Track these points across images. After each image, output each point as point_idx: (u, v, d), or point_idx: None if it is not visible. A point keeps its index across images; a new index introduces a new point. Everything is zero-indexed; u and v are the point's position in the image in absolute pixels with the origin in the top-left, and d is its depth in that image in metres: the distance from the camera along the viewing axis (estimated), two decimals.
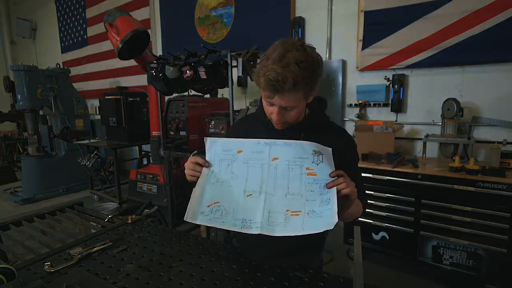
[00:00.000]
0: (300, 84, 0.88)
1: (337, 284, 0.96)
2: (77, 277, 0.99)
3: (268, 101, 0.96)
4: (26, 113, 4.80)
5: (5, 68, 7.93)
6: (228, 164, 0.92)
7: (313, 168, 0.88)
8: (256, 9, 3.77)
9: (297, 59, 0.87)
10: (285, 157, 0.91)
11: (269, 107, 0.99)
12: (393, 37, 2.87)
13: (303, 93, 0.92)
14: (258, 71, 0.92)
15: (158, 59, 2.97)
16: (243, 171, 0.91)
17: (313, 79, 0.92)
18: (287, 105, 0.94)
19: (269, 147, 0.92)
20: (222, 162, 0.93)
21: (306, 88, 0.91)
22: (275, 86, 0.87)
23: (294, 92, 0.89)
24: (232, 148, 0.97)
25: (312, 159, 0.88)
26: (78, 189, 5.17)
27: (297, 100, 0.93)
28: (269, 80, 0.87)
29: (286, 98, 0.91)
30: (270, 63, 0.88)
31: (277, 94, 0.91)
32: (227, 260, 1.10)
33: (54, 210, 1.71)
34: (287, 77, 0.85)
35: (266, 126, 1.09)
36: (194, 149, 2.74)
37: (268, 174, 0.88)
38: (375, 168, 2.49)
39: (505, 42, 2.39)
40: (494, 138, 2.45)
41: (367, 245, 2.56)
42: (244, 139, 0.98)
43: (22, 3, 7.77)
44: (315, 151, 0.89)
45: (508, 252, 2.03)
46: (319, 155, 0.88)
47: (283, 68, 0.86)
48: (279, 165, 0.90)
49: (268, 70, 0.87)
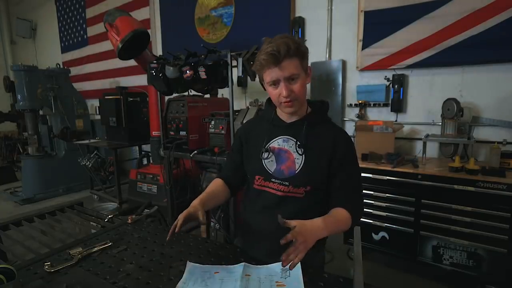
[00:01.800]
0: (292, 49, 1.01)
1: (337, 284, 0.96)
2: (77, 277, 0.99)
3: (271, 81, 1.05)
4: (26, 113, 4.80)
5: (5, 68, 7.94)
6: (203, 280, 0.97)
7: (282, 281, 0.95)
8: (256, 9, 3.77)
9: (283, 36, 1.04)
10: (256, 274, 0.99)
11: (275, 90, 1.07)
12: (393, 37, 2.87)
13: (299, 60, 1.04)
14: (257, 57, 1.06)
15: (158, 59, 2.96)
16: (216, 285, 0.95)
17: (302, 50, 1.05)
18: (290, 73, 1.02)
19: (242, 268, 1.00)
20: (197, 280, 0.97)
21: (298, 55, 1.03)
22: (274, 55, 1.00)
23: (290, 59, 1.01)
24: (210, 270, 1.02)
25: (280, 275, 0.97)
26: (78, 189, 5.17)
27: (296, 68, 1.03)
28: (267, 54, 1.00)
29: (285, 66, 1.02)
30: (265, 46, 1.03)
31: (277, 66, 1.02)
32: (227, 260, 1.10)
33: (54, 210, 1.71)
34: (280, 44, 1.00)
35: (271, 122, 1.19)
36: (194, 149, 2.74)
37: (240, 285, 0.92)
38: (375, 168, 2.49)
39: (505, 42, 2.39)
40: (494, 138, 2.45)
41: (367, 245, 2.56)
42: (222, 266, 1.03)
43: (22, 3, 7.77)
44: (283, 269, 0.98)
45: (508, 252, 2.03)
46: (286, 271, 0.98)
47: (276, 42, 1.01)
48: (251, 280, 0.96)
49: (264, 50, 1.02)
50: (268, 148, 1.16)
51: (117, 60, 3.50)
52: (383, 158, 2.56)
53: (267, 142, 1.17)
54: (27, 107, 4.66)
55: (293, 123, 1.15)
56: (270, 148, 1.16)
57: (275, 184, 1.14)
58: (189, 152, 2.72)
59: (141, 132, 4.27)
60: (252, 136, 1.24)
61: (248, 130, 1.28)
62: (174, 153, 2.83)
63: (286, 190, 1.12)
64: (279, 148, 1.15)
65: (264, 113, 1.26)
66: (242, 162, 1.28)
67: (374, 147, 2.62)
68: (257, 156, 1.17)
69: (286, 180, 1.12)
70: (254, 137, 1.23)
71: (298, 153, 1.12)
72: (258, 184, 1.18)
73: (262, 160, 1.16)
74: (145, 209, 1.69)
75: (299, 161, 1.11)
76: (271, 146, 1.16)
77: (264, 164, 1.16)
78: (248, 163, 1.23)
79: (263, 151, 1.16)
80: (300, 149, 1.11)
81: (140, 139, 4.38)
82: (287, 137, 1.15)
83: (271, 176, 1.15)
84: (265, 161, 1.16)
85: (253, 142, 1.23)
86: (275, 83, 1.05)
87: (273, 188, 1.15)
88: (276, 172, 1.14)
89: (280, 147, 1.15)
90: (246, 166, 1.25)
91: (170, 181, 3.02)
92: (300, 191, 1.11)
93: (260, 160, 1.17)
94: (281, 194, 1.13)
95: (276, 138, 1.17)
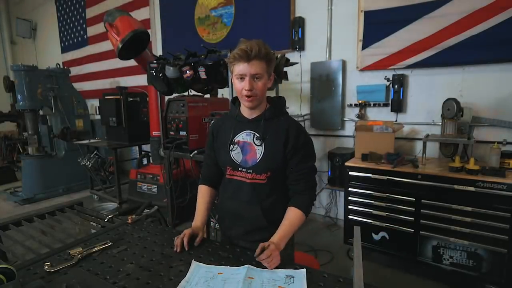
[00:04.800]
0: (262, 53, 1.14)
1: (337, 284, 0.96)
2: (77, 277, 0.99)
3: (239, 75, 1.17)
4: (26, 113, 4.80)
5: (5, 68, 7.94)
6: (206, 280, 0.97)
7: (285, 286, 0.95)
8: (256, 9, 3.77)
9: (258, 41, 1.17)
10: (259, 277, 0.99)
11: (240, 82, 1.18)
12: (393, 37, 2.87)
13: (266, 64, 1.17)
14: (232, 52, 1.19)
15: (158, 59, 2.96)
16: (219, 286, 0.94)
17: (270, 57, 1.19)
18: (255, 72, 1.15)
19: (246, 270, 1.01)
20: (201, 279, 0.98)
21: (266, 60, 1.17)
22: (246, 52, 1.13)
23: (259, 60, 1.15)
24: (214, 271, 1.03)
25: (284, 281, 0.98)
26: (78, 189, 5.17)
27: (262, 69, 1.17)
28: (240, 50, 1.13)
29: (253, 64, 1.15)
30: (241, 45, 1.16)
31: (247, 62, 1.14)
32: (227, 260, 1.10)
33: (54, 210, 1.71)
34: (253, 45, 1.13)
35: (235, 118, 1.33)
36: (194, 149, 2.74)
37: (242, 287, 0.92)
38: (375, 168, 2.49)
39: (505, 42, 2.39)
40: (494, 138, 2.45)
41: (367, 245, 2.56)
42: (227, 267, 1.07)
43: (22, 3, 7.77)
44: (288, 276, 1.00)
45: (508, 252, 2.03)
46: (291, 278, 0.99)
47: (251, 42, 1.15)
48: (253, 282, 0.96)
49: (239, 46, 1.15)
50: (234, 142, 1.30)
51: (117, 60, 3.50)
52: (383, 158, 2.56)
53: (233, 136, 1.31)
54: (27, 107, 4.66)
55: (254, 119, 1.29)
56: (236, 142, 1.30)
57: (242, 172, 1.29)
58: (189, 152, 2.72)
59: (141, 132, 4.27)
60: (220, 131, 1.38)
61: (217, 126, 1.42)
62: (174, 153, 2.83)
63: (251, 177, 1.27)
64: (244, 141, 1.29)
65: (230, 111, 1.40)
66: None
67: (374, 147, 2.62)
68: (225, 149, 1.32)
69: (250, 168, 1.27)
70: (222, 132, 1.37)
71: (257, 144, 1.26)
72: (229, 174, 1.33)
73: (230, 153, 1.30)
74: (145, 209, 1.69)
75: (259, 151, 1.26)
76: (236, 140, 1.30)
77: (232, 156, 1.30)
78: (219, 155, 1.37)
79: (230, 144, 1.30)
80: (258, 140, 1.26)
81: (140, 139, 4.38)
82: (249, 131, 1.29)
83: (238, 166, 1.29)
84: (232, 153, 1.30)
85: (221, 137, 1.37)
86: (242, 78, 1.17)
87: (241, 176, 1.29)
88: (242, 162, 1.28)
89: (244, 141, 1.29)
90: (218, 158, 1.39)
91: (170, 181, 3.02)
92: (262, 177, 1.26)
93: (228, 153, 1.31)
94: (249, 182, 1.27)
95: (240, 133, 1.31)
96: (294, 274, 1.01)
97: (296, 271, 1.02)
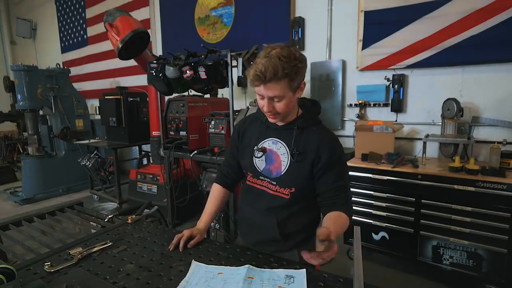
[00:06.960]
0: (279, 74, 1.00)
1: (337, 284, 0.96)
2: (77, 277, 0.99)
3: (258, 94, 1.08)
4: (26, 113, 4.80)
5: (5, 68, 7.94)
6: (206, 280, 0.97)
7: (285, 287, 0.94)
8: (256, 9, 3.77)
9: (279, 54, 1.00)
10: (259, 277, 0.99)
11: (261, 100, 1.10)
12: (393, 37, 2.87)
13: (287, 84, 1.03)
14: (249, 68, 1.06)
15: (158, 59, 2.96)
16: (219, 286, 0.94)
17: (294, 71, 1.03)
18: (273, 95, 1.05)
19: (246, 270, 1.00)
20: (201, 279, 0.97)
21: (287, 79, 1.02)
22: (259, 76, 1.01)
23: (276, 82, 1.02)
24: (214, 271, 1.03)
25: (284, 281, 0.97)
26: (78, 189, 5.18)
27: (281, 90, 1.03)
28: (254, 72, 1.01)
29: (270, 87, 1.03)
30: (259, 60, 1.02)
31: (262, 85, 1.03)
32: (227, 260, 1.10)
33: (54, 210, 1.71)
34: (268, 67, 0.99)
35: (264, 123, 1.23)
36: (194, 149, 2.74)
37: (242, 287, 0.92)
38: (375, 168, 2.49)
39: (505, 42, 2.39)
40: (494, 138, 2.45)
41: (367, 245, 2.56)
42: (227, 266, 1.04)
43: (22, 3, 7.77)
44: (288, 276, 0.99)
45: (508, 252, 2.03)
46: (291, 278, 0.98)
47: (267, 61, 1.00)
48: (253, 282, 0.96)
49: (254, 66, 1.02)
50: (260, 148, 1.22)
51: (117, 60, 3.49)
52: (383, 158, 2.56)
53: (259, 141, 1.23)
54: (27, 107, 4.66)
55: (283, 127, 1.20)
56: (261, 148, 1.22)
57: (265, 182, 1.22)
58: (189, 152, 2.72)
59: (141, 132, 4.27)
60: (247, 133, 1.31)
61: (245, 126, 1.33)
62: (174, 153, 2.83)
63: (275, 189, 1.20)
64: (270, 149, 1.21)
65: (258, 112, 1.29)
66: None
67: (374, 147, 2.62)
68: (249, 153, 1.24)
69: (274, 180, 1.19)
70: (248, 134, 1.29)
71: (284, 156, 1.18)
72: (249, 180, 1.27)
73: (253, 158, 1.23)
74: (145, 209, 1.69)
75: (285, 163, 1.17)
76: (262, 146, 1.22)
77: (254, 162, 1.23)
78: (242, 158, 1.30)
79: (256, 150, 1.22)
80: (287, 153, 1.17)
81: (140, 139, 4.38)
82: (276, 140, 1.20)
83: (260, 174, 1.22)
84: (256, 159, 1.23)
85: (246, 139, 1.29)
86: (261, 97, 1.09)
87: (262, 186, 1.22)
88: (265, 171, 1.21)
89: (270, 148, 1.21)
90: (240, 160, 1.32)
91: (170, 181, 3.02)
92: (285, 192, 1.18)
93: (251, 158, 1.23)
94: (271, 193, 1.20)
95: (267, 139, 1.22)
96: (294, 274, 1.01)
97: (296, 271, 1.02)
